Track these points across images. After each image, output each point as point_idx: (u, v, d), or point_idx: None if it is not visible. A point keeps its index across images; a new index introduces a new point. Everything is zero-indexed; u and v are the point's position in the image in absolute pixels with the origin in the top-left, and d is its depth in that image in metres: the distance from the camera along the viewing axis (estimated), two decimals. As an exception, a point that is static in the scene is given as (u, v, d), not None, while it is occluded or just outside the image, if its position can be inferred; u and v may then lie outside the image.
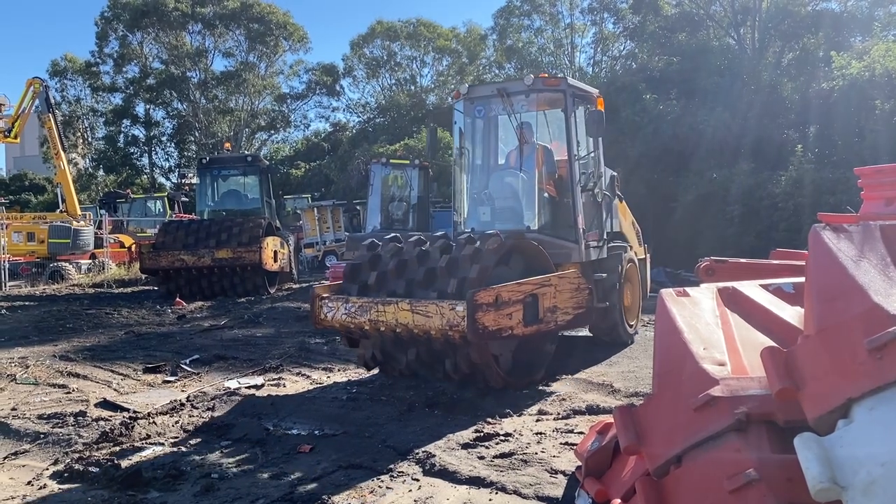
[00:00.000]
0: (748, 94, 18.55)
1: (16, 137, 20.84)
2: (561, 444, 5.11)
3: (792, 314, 2.38)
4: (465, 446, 5.12)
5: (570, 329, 6.96)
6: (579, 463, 3.46)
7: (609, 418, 3.63)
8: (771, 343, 2.20)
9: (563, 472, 4.50)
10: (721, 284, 2.71)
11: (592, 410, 5.91)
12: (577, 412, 5.94)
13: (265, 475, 4.70)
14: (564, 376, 7.26)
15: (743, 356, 2.24)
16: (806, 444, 1.62)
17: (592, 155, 8.56)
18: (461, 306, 5.77)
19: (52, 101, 21.59)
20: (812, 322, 1.90)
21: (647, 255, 10.52)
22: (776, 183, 15.77)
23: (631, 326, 9.04)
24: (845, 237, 1.97)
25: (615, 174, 9.35)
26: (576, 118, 8.20)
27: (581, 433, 5.19)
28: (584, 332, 9.13)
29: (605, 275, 8.44)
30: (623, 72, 25.43)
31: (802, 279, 2.60)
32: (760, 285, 2.67)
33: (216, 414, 6.22)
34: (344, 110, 45.48)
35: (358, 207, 23.56)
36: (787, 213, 15.10)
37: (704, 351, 2.25)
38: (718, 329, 2.37)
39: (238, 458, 5.05)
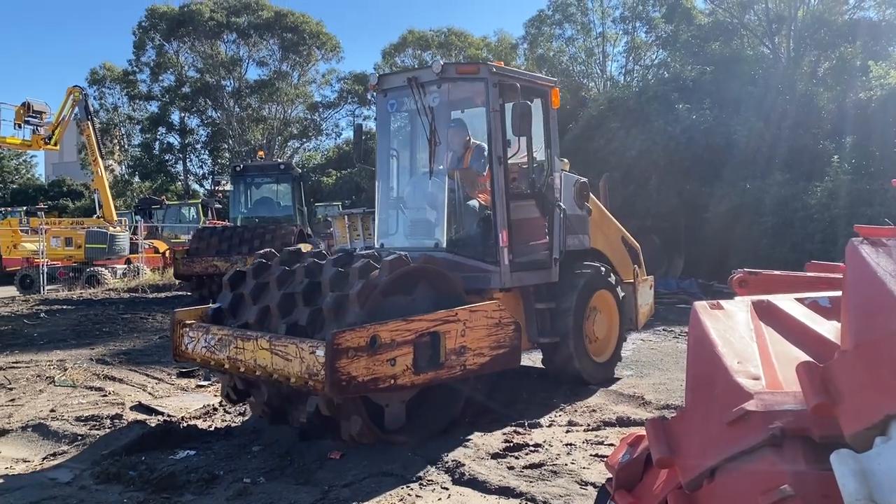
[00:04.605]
0: (782, 103, 18.32)
1: (56, 144, 21.27)
2: (591, 455, 5.09)
3: (828, 328, 2.35)
4: (495, 456, 5.13)
5: (488, 372, 5.74)
6: (610, 475, 3.44)
7: (640, 430, 3.62)
8: (807, 357, 2.19)
9: (593, 484, 4.49)
10: (756, 297, 2.68)
11: (623, 422, 5.88)
12: (607, 424, 5.91)
13: (296, 481, 4.76)
14: (595, 387, 7.23)
15: (778, 370, 2.22)
16: (843, 461, 1.61)
17: (539, 157, 7.19)
18: (321, 350, 4.59)
19: (91, 108, 22.01)
20: (849, 337, 1.88)
21: (646, 278, 8.84)
22: (811, 194, 15.53)
23: (601, 365, 7.49)
24: (884, 251, 1.95)
25: (585, 181, 7.82)
26: (503, 113, 6.74)
27: (611, 445, 5.17)
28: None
29: (553, 304, 7.04)
30: (655, 81, 25.26)
31: (839, 293, 2.57)
32: (796, 299, 2.65)
33: (248, 419, 6.30)
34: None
35: (388, 215, 23.63)
36: (823, 225, 14.85)
37: (738, 364, 2.23)
38: (753, 342, 2.34)
39: (270, 462, 5.11)
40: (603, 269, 7.59)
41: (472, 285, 6.22)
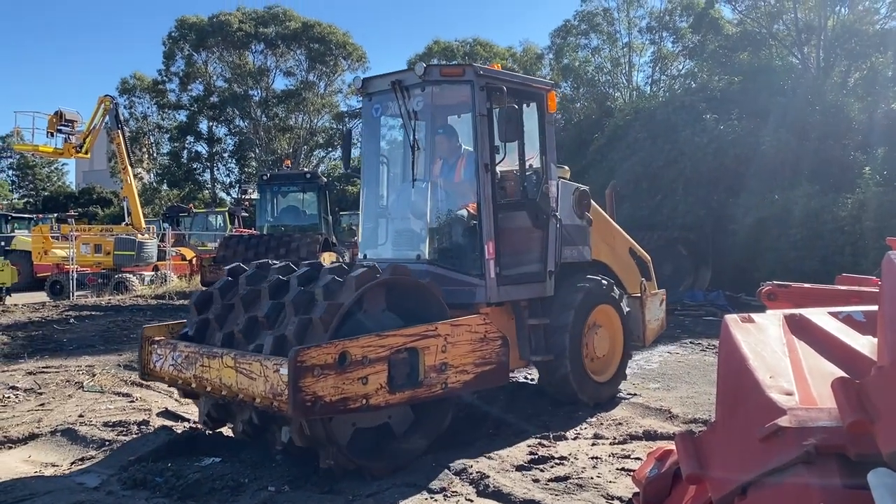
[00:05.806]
0: (811, 114, 18.11)
1: (86, 153, 21.68)
2: (617, 469, 5.04)
3: (864, 343, 2.30)
4: (520, 468, 5.09)
5: (473, 391, 5.41)
6: (637, 489, 3.40)
7: (668, 444, 3.57)
8: (841, 373, 2.14)
9: (620, 499, 4.44)
10: (788, 311, 2.64)
11: (650, 436, 5.82)
12: (633, 437, 5.85)
13: (320, 490, 4.76)
14: (620, 400, 7.16)
15: (811, 386, 2.18)
16: (880, 480, 1.58)
17: (534, 164, 6.77)
18: (286, 368, 4.29)
19: (121, 117, 22.39)
20: (887, 352, 1.84)
21: (656, 292, 8.20)
22: (841, 206, 15.31)
23: (603, 385, 7.00)
24: (921, 265, 1.91)
25: (586, 189, 7.39)
26: (490, 117, 6.32)
27: (638, 459, 5.11)
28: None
29: (547, 319, 6.60)
30: (682, 91, 25.09)
31: (872, 307, 2.52)
32: (829, 313, 2.60)
33: (273, 427, 6.31)
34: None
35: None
36: (853, 237, 14.60)
37: (771, 379, 2.19)
38: (785, 357, 2.30)
39: (294, 471, 5.11)
40: (605, 282, 7.10)
41: (457, 299, 5.84)
